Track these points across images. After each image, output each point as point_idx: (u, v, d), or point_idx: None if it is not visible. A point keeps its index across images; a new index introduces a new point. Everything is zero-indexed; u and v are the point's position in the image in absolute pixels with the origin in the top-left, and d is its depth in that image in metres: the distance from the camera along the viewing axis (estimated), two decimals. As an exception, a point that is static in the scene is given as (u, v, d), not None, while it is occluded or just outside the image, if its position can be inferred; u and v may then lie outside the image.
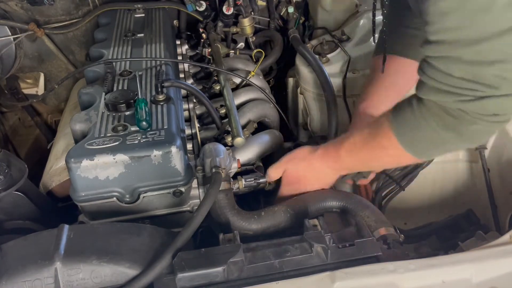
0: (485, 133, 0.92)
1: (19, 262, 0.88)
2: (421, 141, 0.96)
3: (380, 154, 1.05)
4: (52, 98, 2.06)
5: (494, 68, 0.80)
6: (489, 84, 0.81)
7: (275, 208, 1.13)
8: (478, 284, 0.90)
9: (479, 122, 0.86)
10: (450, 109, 0.87)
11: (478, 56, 0.80)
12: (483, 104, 0.83)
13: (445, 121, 0.89)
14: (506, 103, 0.83)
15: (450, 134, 0.91)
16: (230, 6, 1.72)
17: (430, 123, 0.92)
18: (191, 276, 0.88)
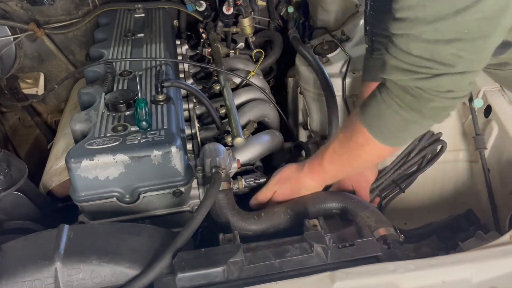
0: (443, 110, 0.94)
1: (19, 262, 0.88)
2: (388, 127, 0.98)
3: (358, 153, 1.07)
4: (52, 98, 2.06)
5: (450, 46, 0.83)
6: (444, 62, 0.84)
7: (275, 209, 1.13)
8: (478, 284, 0.90)
9: (436, 99, 0.89)
10: (409, 88, 0.90)
11: (436, 35, 0.82)
12: (438, 81, 0.87)
13: (405, 100, 0.92)
14: (460, 81, 0.87)
15: (412, 113, 0.93)
16: (230, 6, 1.72)
17: (392, 106, 0.95)
18: (191, 276, 0.88)
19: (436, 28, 0.82)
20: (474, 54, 0.85)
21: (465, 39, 0.82)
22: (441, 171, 1.69)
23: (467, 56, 0.84)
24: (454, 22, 0.80)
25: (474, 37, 0.82)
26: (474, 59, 0.86)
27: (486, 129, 1.53)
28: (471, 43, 0.83)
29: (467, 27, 0.80)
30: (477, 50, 0.85)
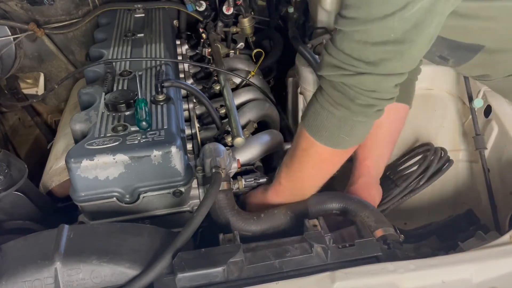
0: (370, 107, 0.96)
1: (19, 262, 0.88)
2: (325, 127, 1.01)
3: (305, 159, 1.09)
4: (52, 98, 2.06)
5: (376, 48, 0.87)
6: (369, 62, 0.88)
7: (275, 211, 1.13)
8: (478, 284, 0.90)
9: (361, 97, 0.93)
10: (336, 84, 0.94)
11: (365, 36, 0.87)
12: (361, 79, 0.91)
13: (334, 97, 0.96)
14: (383, 82, 0.91)
15: (342, 110, 0.97)
16: (230, 6, 1.72)
17: (324, 104, 0.99)
18: (191, 276, 0.88)
19: (366, 30, 0.86)
20: (398, 57, 0.88)
21: (391, 42, 0.86)
22: (441, 171, 1.69)
23: (392, 59, 0.88)
24: (382, 26, 0.84)
25: (399, 41, 0.86)
26: (398, 62, 0.90)
27: (486, 129, 1.53)
28: (396, 46, 0.86)
29: (394, 31, 0.85)
30: (402, 54, 0.88)
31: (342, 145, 1.04)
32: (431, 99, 1.64)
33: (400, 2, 0.80)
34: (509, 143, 1.44)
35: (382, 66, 0.89)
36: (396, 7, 0.81)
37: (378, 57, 0.88)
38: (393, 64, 0.89)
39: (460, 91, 1.65)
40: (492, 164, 1.50)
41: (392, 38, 0.85)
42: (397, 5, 0.81)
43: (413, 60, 0.92)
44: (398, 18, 0.82)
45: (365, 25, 0.85)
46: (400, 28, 0.84)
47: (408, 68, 0.93)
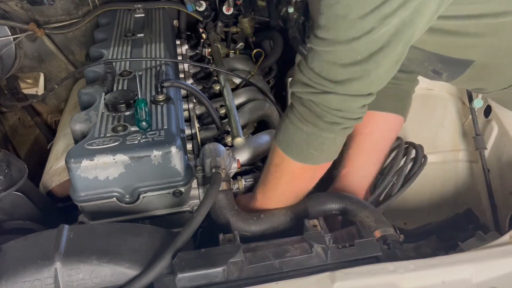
0: (337, 125, 0.98)
1: (19, 262, 0.88)
2: (294, 142, 1.03)
3: (278, 175, 1.11)
4: (52, 98, 2.06)
5: (343, 69, 0.90)
6: (336, 81, 0.91)
7: (275, 211, 1.13)
8: (478, 284, 0.90)
9: (327, 115, 0.96)
10: (305, 101, 0.97)
11: (333, 57, 0.90)
12: (327, 98, 0.94)
13: (303, 113, 0.98)
14: (348, 101, 0.93)
15: (309, 126, 0.99)
16: (230, 6, 1.72)
17: (293, 120, 1.01)
18: (191, 276, 0.88)
19: (334, 51, 0.89)
20: (364, 78, 0.90)
21: (357, 63, 0.88)
22: (441, 171, 1.69)
23: (358, 79, 0.90)
24: (349, 48, 0.86)
25: (365, 63, 0.88)
26: (364, 83, 0.92)
27: (486, 129, 1.53)
28: (362, 68, 0.88)
29: (360, 53, 0.87)
30: (368, 76, 0.90)
31: (312, 161, 1.05)
32: (431, 99, 1.64)
33: (366, 26, 0.82)
34: (509, 143, 1.44)
35: (348, 86, 0.91)
36: (362, 31, 0.83)
37: (344, 77, 0.90)
38: (358, 84, 0.91)
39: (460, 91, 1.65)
40: (492, 164, 1.50)
41: (359, 59, 0.87)
42: (363, 30, 0.83)
43: (379, 81, 0.94)
44: (364, 41, 0.84)
45: (334, 47, 0.88)
46: (366, 51, 0.86)
47: (374, 89, 0.95)
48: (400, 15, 0.81)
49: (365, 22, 0.82)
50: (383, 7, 0.80)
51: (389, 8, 0.80)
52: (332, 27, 0.86)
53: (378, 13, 0.81)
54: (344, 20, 0.83)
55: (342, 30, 0.85)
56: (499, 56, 1.05)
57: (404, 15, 0.81)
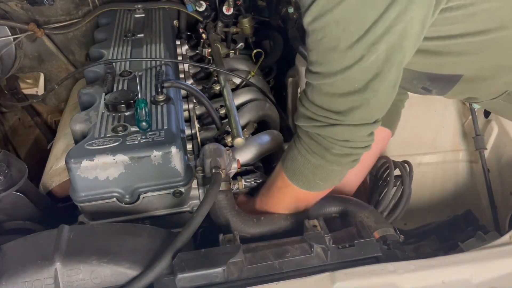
0: (345, 157, 1.00)
1: (19, 262, 0.88)
2: (300, 171, 1.05)
3: (279, 195, 1.13)
4: (52, 98, 2.06)
5: (344, 99, 0.91)
6: (339, 112, 0.92)
7: (275, 215, 1.13)
8: (478, 285, 0.90)
9: (335, 147, 0.97)
10: (312, 134, 0.98)
11: (332, 89, 0.91)
12: (333, 130, 0.95)
13: (310, 146, 1.00)
14: (355, 132, 0.95)
15: (317, 158, 1.00)
16: (230, 6, 1.72)
17: (301, 150, 1.02)
18: (191, 276, 0.88)
19: (331, 83, 0.90)
20: (365, 106, 0.92)
21: (356, 92, 0.89)
22: (441, 171, 1.69)
23: (359, 107, 0.92)
24: (344, 77, 0.88)
25: (363, 91, 0.89)
26: (366, 110, 0.93)
27: (486, 130, 1.53)
28: (361, 95, 0.90)
29: (356, 81, 0.89)
30: (368, 103, 0.92)
31: (316, 189, 1.08)
32: (431, 100, 1.64)
33: (356, 54, 0.84)
34: (509, 143, 1.44)
35: (351, 115, 0.93)
36: (353, 60, 0.85)
37: (346, 106, 0.92)
38: (361, 112, 0.93)
39: (460, 91, 1.65)
40: (492, 164, 1.50)
41: (357, 88, 0.89)
42: (354, 58, 0.85)
43: (380, 107, 0.95)
44: (357, 69, 0.86)
45: (330, 79, 0.89)
46: (361, 78, 0.88)
47: (377, 115, 0.96)
48: (387, 41, 0.83)
49: (354, 51, 0.84)
50: (369, 35, 0.82)
51: (374, 35, 0.82)
52: (324, 61, 0.89)
53: (365, 41, 0.82)
54: (334, 51, 0.86)
55: (333, 62, 0.87)
56: (486, 70, 1.07)
57: (391, 40, 0.83)
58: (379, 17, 0.80)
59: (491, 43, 0.98)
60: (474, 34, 0.95)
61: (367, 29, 0.81)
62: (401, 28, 0.82)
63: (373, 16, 0.80)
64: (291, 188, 1.08)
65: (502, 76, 1.07)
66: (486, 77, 1.08)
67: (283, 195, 1.12)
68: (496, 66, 1.05)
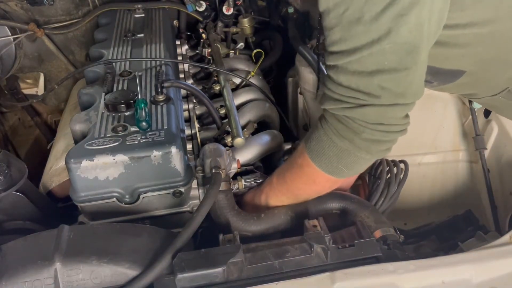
0: (376, 143, 0.94)
1: (19, 262, 0.88)
2: (325, 154, 1.00)
3: (298, 173, 1.08)
4: (52, 98, 2.06)
5: (374, 78, 0.86)
6: (369, 93, 0.88)
7: (275, 211, 1.13)
8: (478, 285, 0.90)
9: (366, 131, 0.92)
10: (340, 117, 0.93)
11: (359, 66, 0.86)
12: (364, 111, 0.90)
13: (338, 129, 0.95)
14: (388, 113, 0.90)
15: (345, 142, 0.95)
16: (230, 6, 1.72)
17: (328, 133, 0.97)
18: (191, 276, 0.87)
19: (358, 60, 0.85)
20: (397, 86, 0.87)
21: (386, 70, 0.85)
22: (441, 171, 1.69)
23: (391, 88, 0.87)
24: (372, 53, 0.84)
25: (394, 69, 0.85)
26: (399, 91, 0.88)
27: (486, 130, 1.53)
28: (392, 75, 0.86)
29: (386, 58, 0.84)
30: (400, 82, 0.87)
31: (339, 175, 1.02)
32: (431, 100, 1.64)
33: (382, 27, 0.80)
34: (509, 143, 1.44)
35: (384, 96, 0.87)
36: (380, 33, 0.81)
37: (376, 86, 0.87)
38: (394, 93, 0.88)
39: (460, 91, 1.65)
40: (492, 164, 1.50)
41: (387, 66, 0.85)
42: (380, 31, 0.81)
43: (416, 87, 0.90)
44: (385, 44, 0.82)
45: (356, 55, 0.85)
46: (392, 54, 0.84)
47: (411, 97, 0.91)
48: (416, 13, 0.79)
49: (380, 23, 0.80)
50: (395, 5, 0.78)
51: (401, 5, 0.78)
52: (348, 36, 0.84)
53: (391, 12, 0.78)
54: (359, 24, 0.81)
55: (359, 36, 0.83)
56: (488, 65, 1.05)
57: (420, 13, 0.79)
58: None
59: (497, 35, 0.96)
60: (482, 24, 0.93)
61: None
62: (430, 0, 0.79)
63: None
64: (311, 169, 1.03)
65: (504, 71, 1.06)
66: (487, 72, 1.07)
67: (302, 173, 1.07)
68: (500, 60, 1.03)
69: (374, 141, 0.94)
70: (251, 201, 1.21)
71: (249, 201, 1.22)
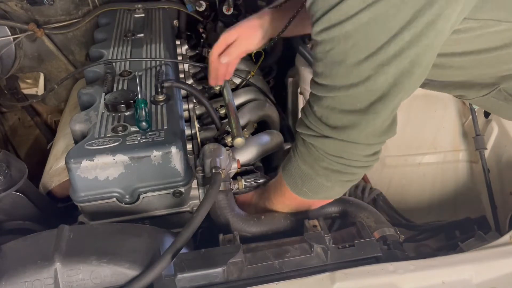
0: (336, 173, 0.96)
1: (18, 262, 0.88)
2: (292, 175, 1.03)
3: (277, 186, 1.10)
4: (52, 98, 2.06)
5: (343, 116, 0.89)
6: (335, 127, 0.90)
7: (275, 214, 1.13)
8: (478, 285, 0.90)
9: (326, 160, 0.94)
10: (306, 142, 0.96)
11: (333, 103, 0.89)
12: (325, 142, 0.93)
13: (302, 153, 0.98)
14: (348, 148, 0.91)
15: (306, 166, 0.98)
16: (230, 6, 1.72)
17: (295, 155, 1.01)
18: (191, 276, 0.88)
19: (333, 97, 0.88)
20: (362, 127, 0.89)
21: (356, 111, 0.87)
22: (441, 171, 1.70)
23: (355, 127, 0.89)
24: (348, 95, 0.85)
25: (364, 112, 0.87)
26: (362, 132, 0.90)
27: (486, 130, 1.53)
28: (361, 116, 0.87)
29: (359, 101, 0.86)
30: (367, 124, 0.89)
31: (305, 197, 1.04)
32: (431, 100, 1.64)
33: (363, 74, 0.82)
34: (509, 143, 1.44)
35: (345, 133, 0.90)
36: (359, 78, 0.82)
37: (342, 123, 0.89)
38: (355, 132, 0.90)
39: (460, 91, 1.65)
40: (492, 164, 1.50)
41: (358, 107, 0.86)
42: (360, 77, 0.82)
43: (377, 131, 0.91)
44: (362, 88, 0.83)
45: (333, 93, 0.87)
46: (365, 98, 0.85)
47: (375, 139, 0.92)
48: (397, 65, 0.80)
49: (361, 69, 0.81)
50: (378, 55, 0.79)
51: (384, 56, 0.79)
52: (329, 74, 0.86)
53: (373, 61, 0.79)
54: (341, 66, 0.83)
55: (339, 77, 0.85)
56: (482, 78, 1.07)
57: (402, 65, 0.80)
58: (391, 38, 0.77)
59: (493, 59, 0.97)
60: (478, 52, 0.94)
61: (378, 48, 0.78)
62: (414, 53, 0.79)
63: (386, 36, 0.77)
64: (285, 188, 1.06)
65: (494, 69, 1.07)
66: (478, 79, 1.09)
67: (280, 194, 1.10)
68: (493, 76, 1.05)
69: (334, 171, 0.96)
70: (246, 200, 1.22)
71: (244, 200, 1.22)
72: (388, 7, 0.75)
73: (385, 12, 0.75)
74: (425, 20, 0.76)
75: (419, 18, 0.75)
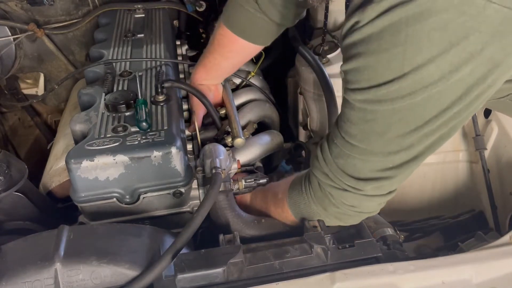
0: (348, 217, 0.99)
1: (18, 263, 0.88)
2: (300, 208, 1.04)
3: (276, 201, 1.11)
4: (52, 98, 2.06)
5: (372, 173, 0.88)
6: (359, 179, 0.90)
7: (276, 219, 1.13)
8: (478, 285, 0.90)
9: (341, 208, 0.96)
10: (322, 189, 0.97)
11: (363, 164, 0.87)
12: (344, 195, 0.93)
13: (317, 194, 0.99)
14: (365, 201, 0.93)
15: (318, 207, 1.00)
16: (230, 6, 1.71)
17: (308, 195, 1.01)
18: (191, 277, 0.88)
19: (365, 159, 0.86)
20: (391, 181, 0.89)
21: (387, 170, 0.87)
22: (441, 172, 1.69)
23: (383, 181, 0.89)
24: (384, 160, 0.85)
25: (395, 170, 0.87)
26: (388, 185, 0.91)
27: (486, 130, 1.53)
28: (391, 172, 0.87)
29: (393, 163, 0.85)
30: (394, 179, 0.89)
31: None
32: (431, 100, 1.63)
33: (405, 144, 0.81)
34: (509, 144, 1.44)
35: (370, 187, 0.90)
36: (400, 147, 0.82)
37: (368, 177, 0.88)
38: (381, 186, 0.90)
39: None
40: (492, 164, 1.50)
41: (390, 167, 0.86)
42: (402, 146, 0.82)
43: (402, 181, 0.91)
44: (401, 155, 0.83)
45: (367, 156, 0.86)
46: (399, 160, 0.85)
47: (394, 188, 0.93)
48: (439, 133, 0.80)
49: (404, 140, 0.80)
50: (425, 128, 0.78)
51: (431, 127, 0.78)
52: (366, 140, 0.84)
53: (418, 132, 0.79)
54: (381, 137, 0.81)
55: (378, 146, 0.83)
56: None
57: (443, 132, 0.80)
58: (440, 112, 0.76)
59: None
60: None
61: (425, 122, 0.77)
62: (458, 121, 0.79)
63: (436, 111, 0.76)
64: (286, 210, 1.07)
65: None
66: None
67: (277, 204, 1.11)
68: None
69: (346, 215, 0.98)
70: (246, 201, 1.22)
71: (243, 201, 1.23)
72: (444, 88, 0.73)
73: (440, 91, 0.73)
74: (476, 93, 0.75)
75: (470, 93, 0.74)
